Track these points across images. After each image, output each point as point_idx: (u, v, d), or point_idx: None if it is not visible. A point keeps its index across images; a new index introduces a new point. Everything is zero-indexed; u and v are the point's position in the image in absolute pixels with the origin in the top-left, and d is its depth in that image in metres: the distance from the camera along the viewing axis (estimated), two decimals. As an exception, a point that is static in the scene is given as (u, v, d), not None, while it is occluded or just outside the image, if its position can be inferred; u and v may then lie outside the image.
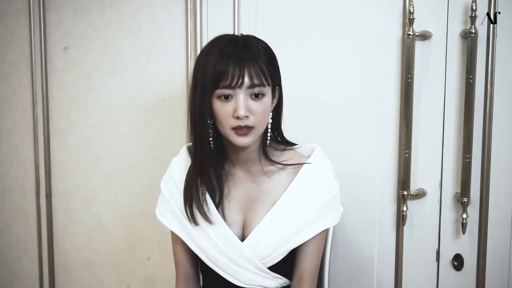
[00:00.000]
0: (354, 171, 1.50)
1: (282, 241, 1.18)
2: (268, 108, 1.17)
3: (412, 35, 1.40)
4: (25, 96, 1.93)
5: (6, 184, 2.02)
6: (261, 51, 1.16)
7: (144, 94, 1.74)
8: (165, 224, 1.27)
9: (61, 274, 1.96)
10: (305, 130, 1.50)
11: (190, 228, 1.22)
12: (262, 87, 1.14)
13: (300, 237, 1.19)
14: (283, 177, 1.22)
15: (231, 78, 1.11)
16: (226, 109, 1.13)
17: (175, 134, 1.72)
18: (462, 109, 1.41)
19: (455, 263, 1.48)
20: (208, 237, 1.20)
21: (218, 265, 1.21)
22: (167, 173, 1.29)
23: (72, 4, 1.81)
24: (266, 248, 1.18)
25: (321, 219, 1.20)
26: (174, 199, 1.25)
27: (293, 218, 1.19)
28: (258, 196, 1.23)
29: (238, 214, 1.23)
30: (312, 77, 1.54)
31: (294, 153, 1.27)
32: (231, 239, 1.19)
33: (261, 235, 1.19)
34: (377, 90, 1.48)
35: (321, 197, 1.20)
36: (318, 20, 1.52)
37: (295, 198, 1.19)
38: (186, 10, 1.65)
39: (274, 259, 1.19)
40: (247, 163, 1.24)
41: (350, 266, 1.55)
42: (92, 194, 1.87)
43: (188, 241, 1.23)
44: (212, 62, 1.12)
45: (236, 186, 1.25)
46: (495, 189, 1.42)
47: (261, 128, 1.17)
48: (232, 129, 1.14)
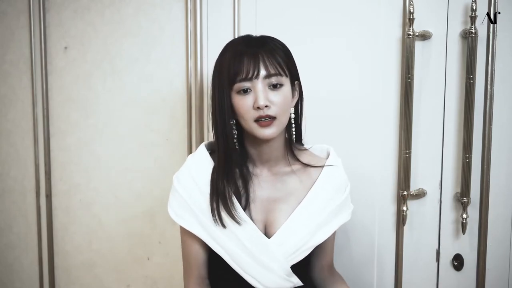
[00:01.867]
0: (354, 171, 1.50)
1: (308, 238, 1.22)
2: (288, 98, 1.18)
3: (412, 35, 1.40)
4: (25, 96, 1.93)
5: (6, 184, 2.02)
6: (276, 45, 1.19)
7: (144, 94, 1.74)
8: (183, 226, 1.23)
9: (61, 274, 1.96)
10: (305, 130, 1.50)
11: (215, 230, 1.20)
12: (280, 76, 1.15)
13: (323, 234, 1.24)
14: (306, 177, 1.26)
15: (247, 71, 1.13)
16: (247, 102, 1.14)
17: (175, 134, 1.72)
18: (462, 109, 1.41)
19: (455, 263, 1.48)
20: (236, 238, 1.20)
21: (242, 265, 1.20)
22: (184, 171, 1.24)
23: (72, 4, 1.81)
24: (292, 246, 1.21)
25: (338, 216, 1.26)
26: (193, 199, 1.22)
27: (316, 215, 1.23)
28: (283, 195, 1.25)
29: (261, 213, 1.24)
30: (311, 77, 1.54)
31: (310, 153, 1.31)
32: (260, 238, 1.20)
33: (288, 233, 1.21)
34: (377, 90, 1.48)
35: (339, 196, 1.26)
36: (318, 20, 1.52)
37: (318, 198, 1.24)
38: (186, 10, 1.65)
39: (298, 256, 1.22)
40: (270, 162, 1.25)
41: (350, 266, 1.55)
42: (92, 194, 1.86)
43: (211, 243, 1.21)
44: (227, 61, 1.15)
45: (260, 186, 1.25)
46: (495, 189, 1.42)
47: (283, 119, 1.18)
48: (255, 122, 1.15)
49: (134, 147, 1.78)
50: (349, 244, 1.55)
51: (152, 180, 1.77)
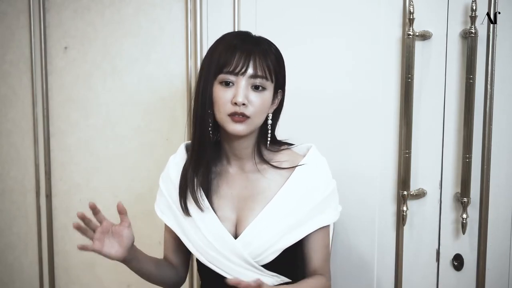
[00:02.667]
0: (354, 171, 1.50)
1: (275, 239, 1.18)
2: (267, 103, 1.18)
3: (412, 35, 1.40)
4: (25, 96, 1.93)
5: (6, 184, 2.02)
6: (271, 50, 1.18)
7: (144, 94, 1.74)
8: (164, 221, 1.29)
9: (61, 274, 1.95)
10: (304, 130, 1.50)
11: (183, 221, 1.24)
12: (265, 80, 1.15)
13: (293, 236, 1.19)
14: (277, 176, 1.23)
15: (235, 65, 1.13)
16: (226, 95, 1.14)
17: (175, 134, 1.72)
18: (462, 109, 1.41)
19: (455, 263, 1.48)
20: (198, 230, 1.21)
21: (212, 261, 1.21)
22: (165, 171, 1.31)
23: (72, 4, 1.81)
24: (259, 247, 1.18)
25: (315, 217, 1.21)
26: (171, 195, 1.27)
27: (287, 217, 1.19)
28: (252, 194, 1.23)
29: (231, 212, 1.23)
30: (312, 77, 1.54)
31: (290, 152, 1.27)
32: (223, 235, 1.19)
33: (255, 233, 1.19)
34: (377, 90, 1.48)
35: (315, 196, 1.21)
36: (318, 20, 1.52)
37: (289, 197, 1.20)
38: (186, 10, 1.65)
39: (268, 257, 1.19)
40: (241, 160, 1.24)
41: (350, 266, 1.55)
42: (92, 194, 1.86)
43: (183, 237, 1.25)
44: (219, 50, 1.15)
45: (228, 184, 1.25)
46: (495, 189, 1.42)
47: (257, 121, 1.17)
48: (229, 116, 1.15)
49: (134, 147, 1.78)
50: (349, 244, 1.55)
51: (152, 180, 1.76)
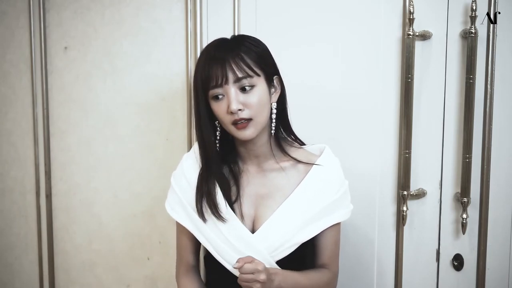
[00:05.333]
0: (354, 171, 1.50)
1: (291, 235, 1.22)
2: (264, 97, 1.20)
3: (412, 35, 1.40)
4: (25, 96, 1.93)
5: (6, 184, 2.02)
6: (247, 46, 1.20)
7: (144, 94, 1.74)
8: (175, 218, 1.30)
9: (61, 274, 1.95)
10: (304, 130, 1.50)
11: (201, 223, 1.25)
12: (250, 78, 1.17)
13: (308, 232, 1.23)
14: (294, 174, 1.27)
15: (216, 78, 1.16)
16: (221, 107, 1.18)
17: (175, 134, 1.72)
18: (462, 109, 1.41)
19: (455, 263, 1.48)
20: (219, 232, 1.23)
21: (226, 258, 1.23)
22: (179, 168, 1.33)
23: (72, 4, 1.81)
24: (275, 241, 1.21)
25: (329, 215, 1.25)
26: (184, 195, 1.28)
27: (303, 213, 1.23)
28: (270, 191, 1.26)
29: (249, 208, 1.26)
30: (312, 77, 1.54)
31: (304, 152, 1.31)
32: (242, 233, 1.22)
33: (272, 229, 1.22)
34: (377, 90, 1.48)
35: (329, 196, 1.25)
36: (318, 21, 1.52)
37: (305, 196, 1.24)
38: (186, 10, 1.65)
39: (283, 252, 1.22)
40: (258, 158, 1.28)
41: (350, 266, 1.55)
42: (92, 194, 1.86)
43: (198, 235, 1.27)
44: (201, 66, 1.20)
45: (248, 182, 1.28)
46: (495, 189, 1.42)
47: (261, 119, 1.20)
48: (232, 125, 1.18)
49: (134, 147, 1.78)
50: (349, 244, 1.55)
51: (152, 180, 1.77)
